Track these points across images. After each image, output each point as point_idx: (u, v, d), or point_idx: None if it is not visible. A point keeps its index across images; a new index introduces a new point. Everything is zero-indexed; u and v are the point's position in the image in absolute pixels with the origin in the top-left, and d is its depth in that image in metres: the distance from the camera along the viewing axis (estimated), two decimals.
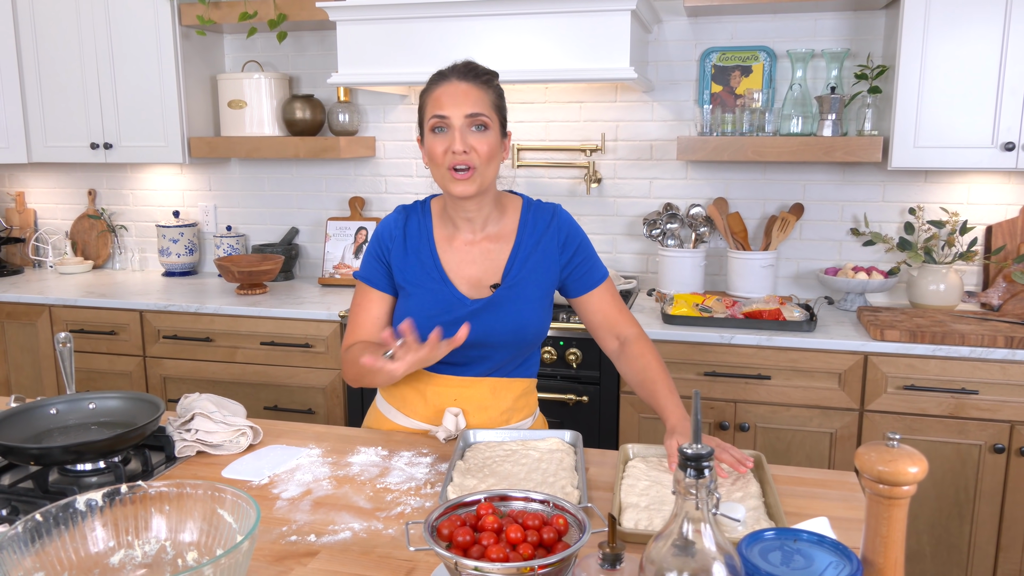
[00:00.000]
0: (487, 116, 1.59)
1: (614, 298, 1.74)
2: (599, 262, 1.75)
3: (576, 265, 1.71)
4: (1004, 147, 2.50)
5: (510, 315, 1.65)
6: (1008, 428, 2.37)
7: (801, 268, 3.07)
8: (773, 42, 2.95)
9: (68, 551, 1.09)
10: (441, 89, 1.59)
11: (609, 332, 1.73)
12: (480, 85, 1.60)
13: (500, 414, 1.71)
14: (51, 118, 3.36)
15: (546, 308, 1.72)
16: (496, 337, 1.65)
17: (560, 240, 1.70)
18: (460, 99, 1.57)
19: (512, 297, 1.66)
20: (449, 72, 1.61)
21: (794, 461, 2.52)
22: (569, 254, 1.70)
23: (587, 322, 1.76)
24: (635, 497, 1.37)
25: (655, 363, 1.65)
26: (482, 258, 1.69)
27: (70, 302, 3.11)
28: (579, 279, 1.72)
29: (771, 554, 0.89)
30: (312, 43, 3.40)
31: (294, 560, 1.20)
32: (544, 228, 1.70)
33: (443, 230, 1.70)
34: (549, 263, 1.69)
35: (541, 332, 1.71)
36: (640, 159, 3.14)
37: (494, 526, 1.10)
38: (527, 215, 1.71)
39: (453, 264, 1.68)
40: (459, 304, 1.65)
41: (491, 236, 1.69)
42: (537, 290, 1.68)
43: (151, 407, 1.58)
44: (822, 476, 1.52)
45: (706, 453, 0.79)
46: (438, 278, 1.67)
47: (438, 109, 1.57)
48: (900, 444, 0.88)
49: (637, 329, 1.72)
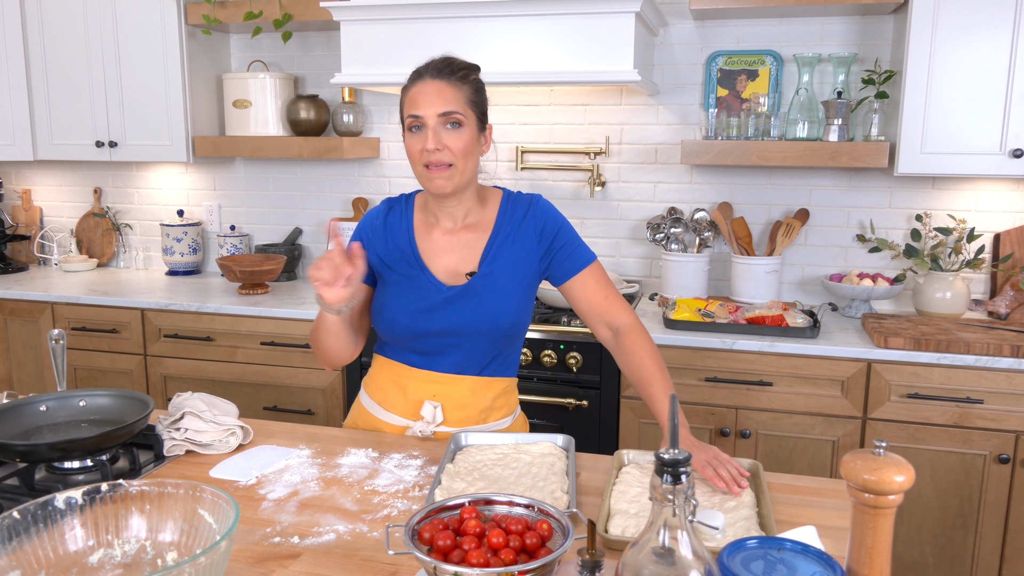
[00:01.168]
0: (461, 114, 1.59)
1: (600, 283, 1.71)
2: (583, 247, 1.73)
3: (556, 251, 1.70)
4: (1012, 154, 2.47)
5: (486, 303, 1.65)
6: (1014, 438, 2.33)
7: (806, 274, 3.04)
8: (780, 46, 2.92)
9: (46, 549, 1.07)
10: (416, 88, 1.60)
11: (599, 320, 1.71)
12: (455, 82, 1.59)
13: (479, 412, 1.71)
14: (57, 116, 3.37)
15: (525, 299, 1.70)
16: (472, 325, 1.65)
17: (538, 228, 1.70)
18: (433, 98, 1.57)
19: (488, 286, 1.66)
20: (424, 70, 1.61)
21: (796, 469, 2.49)
22: (548, 241, 1.70)
23: (577, 311, 1.74)
24: (625, 504, 1.35)
25: (650, 362, 1.62)
26: (460, 247, 1.70)
27: (72, 300, 3.11)
28: (561, 264, 1.70)
29: (753, 563, 0.87)
30: (317, 43, 3.40)
31: (275, 562, 1.19)
32: (522, 218, 1.70)
33: (424, 220, 1.73)
34: (527, 253, 1.69)
35: (518, 324, 1.70)
36: (645, 163, 3.12)
37: (476, 530, 1.08)
38: (506, 206, 1.72)
39: (431, 252, 1.70)
40: (435, 291, 1.66)
41: (470, 226, 1.71)
42: (514, 280, 1.68)
43: (141, 405, 1.57)
44: (818, 484, 1.49)
45: (683, 458, 0.77)
46: (415, 265, 1.68)
47: (413, 109, 1.59)
48: (887, 452, 0.86)
49: (629, 318, 1.69)
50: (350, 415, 1.85)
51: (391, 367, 1.74)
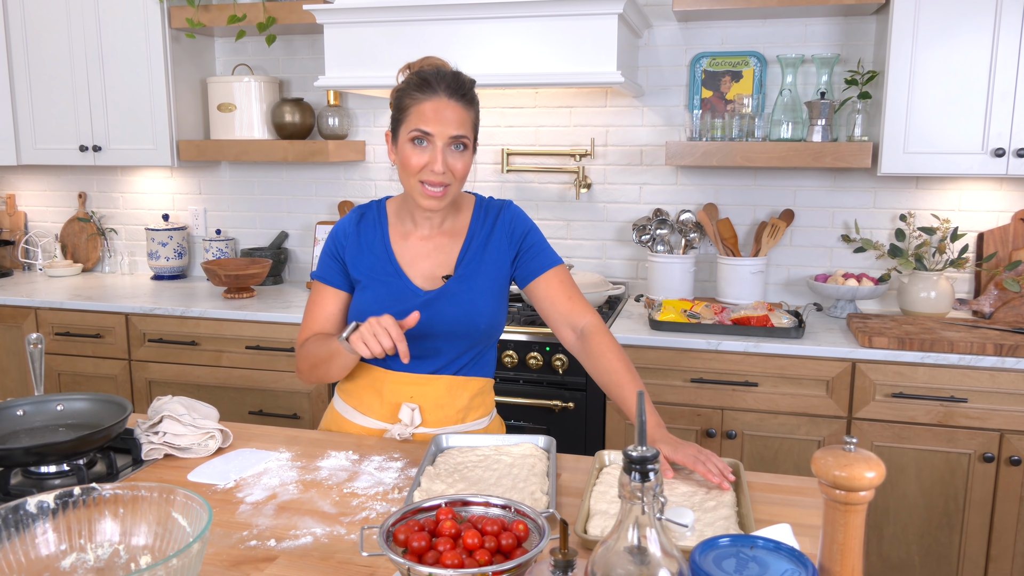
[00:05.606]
0: (468, 137, 1.60)
1: (564, 285, 1.72)
2: (550, 250, 1.74)
3: (523, 251, 1.72)
4: (994, 153, 2.48)
5: (462, 305, 1.67)
6: (998, 437, 2.34)
7: (791, 275, 3.05)
8: (763, 47, 2.93)
9: (17, 554, 1.06)
10: (429, 104, 1.56)
11: (563, 321, 1.71)
12: (465, 104, 1.59)
13: (456, 412, 1.72)
14: (41, 120, 3.35)
15: (500, 301, 1.72)
16: (449, 327, 1.67)
17: (508, 232, 1.72)
18: (447, 118, 1.56)
19: (464, 289, 1.68)
20: (437, 84, 1.57)
21: (781, 469, 2.49)
22: (517, 244, 1.72)
23: (541, 312, 1.74)
24: (605, 504, 1.34)
25: (618, 363, 1.62)
26: (436, 252, 1.71)
27: (56, 305, 3.09)
28: (526, 265, 1.72)
29: (725, 561, 0.87)
30: (302, 47, 3.39)
31: (251, 565, 1.18)
32: (493, 222, 1.72)
33: (399, 227, 1.73)
34: (500, 255, 1.71)
35: (494, 325, 1.72)
36: (630, 164, 3.12)
37: (451, 531, 1.08)
38: (479, 211, 1.74)
39: (407, 258, 1.71)
40: (412, 295, 1.68)
41: (445, 232, 1.72)
42: (488, 282, 1.70)
43: (118, 409, 1.56)
44: (799, 483, 1.49)
45: (651, 456, 0.77)
46: (392, 271, 1.69)
47: (423, 124, 1.56)
48: (857, 448, 0.86)
49: (592, 318, 1.69)
50: (323, 420, 1.85)
51: (367, 371, 1.73)
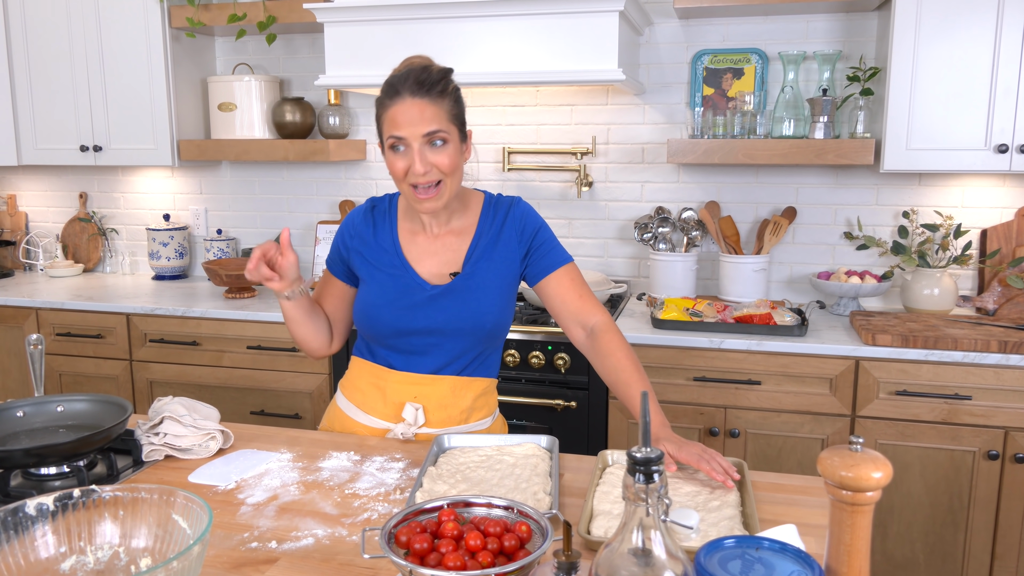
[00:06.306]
0: (445, 131, 1.56)
1: (574, 283, 1.70)
2: (560, 248, 1.73)
3: (534, 249, 1.70)
4: (997, 149, 2.47)
5: (469, 303, 1.66)
6: (1002, 434, 2.33)
7: (794, 272, 3.04)
8: (765, 44, 2.92)
9: (16, 557, 1.06)
10: (396, 108, 1.54)
11: (573, 320, 1.69)
12: (435, 98, 1.54)
13: (459, 412, 1.71)
14: (41, 120, 3.34)
15: (507, 300, 1.71)
16: (455, 323, 1.65)
17: (518, 229, 1.70)
18: (415, 119, 1.53)
19: (471, 286, 1.67)
20: (401, 86, 1.54)
21: (785, 468, 2.48)
22: (527, 242, 1.70)
23: (551, 310, 1.73)
24: (608, 504, 1.33)
25: (627, 362, 1.61)
26: (444, 250, 1.70)
27: (57, 305, 3.08)
28: (536, 263, 1.70)
29: (731, 563, 0.86)
30: (303, 46, 3.38)
31: (252, 567, 1.17)
32: (503, 220, 1.70)
33: (407, 225, 1.72)
34: (509, 254, 1.69)
35: (500, 324, 1.70)
36: (632, 162, 3.11)
37: (453, 533, 1.07)
38: (488, 208, 1.72)
39: (415, 254, 1.70)
40: (419, 289, 1.66)
41: (454, 230, 1.71)
42: (497, 280, 1.68)
43: (119, 410, 1.55)
44: (803, 483, 1.48)
45: (655, 457, 0.76)
46: (399, 265, 1.68)
47: (394, 129, 1.55)
48: (864, 448, 0.85)
49: (603, 317, 1.68)
50: (325, 417, 1.84)
51: (371, 369, 1.72)
